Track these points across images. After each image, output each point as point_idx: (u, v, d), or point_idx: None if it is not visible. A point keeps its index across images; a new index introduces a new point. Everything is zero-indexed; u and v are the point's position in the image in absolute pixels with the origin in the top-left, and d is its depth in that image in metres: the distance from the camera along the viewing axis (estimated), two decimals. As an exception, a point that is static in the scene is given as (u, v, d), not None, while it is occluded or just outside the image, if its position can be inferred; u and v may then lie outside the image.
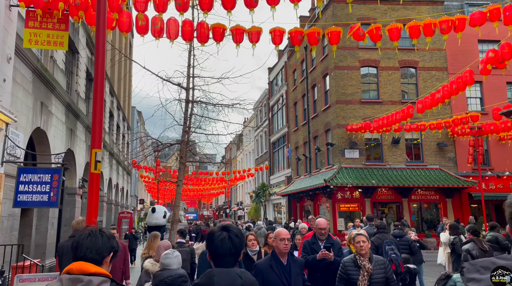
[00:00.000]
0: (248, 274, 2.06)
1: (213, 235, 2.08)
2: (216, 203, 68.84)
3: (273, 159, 32.66)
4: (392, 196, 19.63)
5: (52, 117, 11.39)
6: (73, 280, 1.70)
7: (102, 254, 1.84)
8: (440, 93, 12.66)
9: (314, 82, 23.28)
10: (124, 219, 23.04)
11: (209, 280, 1.93)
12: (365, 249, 3.93)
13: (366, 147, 20.26)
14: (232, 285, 1.93)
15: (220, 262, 2.02)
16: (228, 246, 2.02)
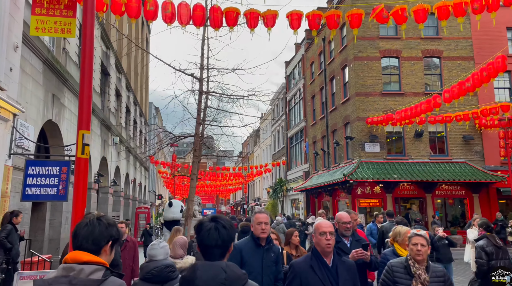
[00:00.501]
0: (234, 268, 1.92)
1: (201, 225, 1.97)
2: (233, 199, 68.79)
3: (291, 154, 32.12)
4: (415, 191, 18.85)
5: (64, 110, 11.21)
6: (66, 269, 1.71)
7: (99, 243, 1.80)
8: (469, 81, 11.88)
9: (333, 75, 22.59)
10: (141, 214, 22.99)
11: (193, 274, 1.86)
12: (423, 254, 3.21)
13: (387, 141, 19.49)
14: (215, 279, 1.82)
15: (207, 254, 1.94)
16: (215, 238, 1.91)
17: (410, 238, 3.34)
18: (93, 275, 1.72)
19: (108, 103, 17.57)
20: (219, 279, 1.82)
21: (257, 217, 3.73)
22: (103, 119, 15.90)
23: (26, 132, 8.36)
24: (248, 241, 3.74)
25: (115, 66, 19.07)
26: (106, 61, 16.76)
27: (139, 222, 22.89)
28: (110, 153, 17.39)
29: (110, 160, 17.47)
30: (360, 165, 18.60)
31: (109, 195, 17.23)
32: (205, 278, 1.83)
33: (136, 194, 25.98)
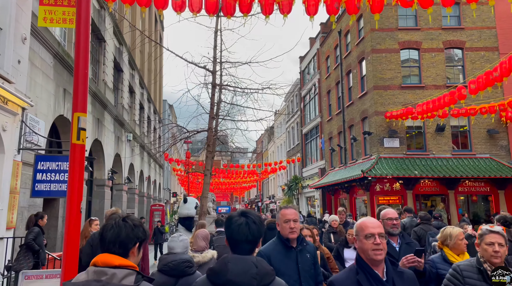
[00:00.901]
0: (264, 264, 1.93)
1: (231, 220, 1.99)
2: (248, 197, 68.59)
3: (306, 150, 31.59)
4: (436, 188, 18.15)
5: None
6: (98, 273, 1.68)
7: (126, 246, 1.76)
8: (497, 71, 11.21)
9: (349, 68, 21.97)
10: (156, 212, 22.87)
11: (224, 267, 1.86)
12: (502, 256, 2.63)
13: (407, 136, 18.81)
14: (246, 273, 1.82)
15: (236, 249, 1.94)
16: (245, 233, 1.92)
17: (482, 236, 2.78)
18: (125, 280, 1.67)
19: (122, 100, 17.42)
20: (250, 274, 1.80)
21: (283, 213, 3.09)
22: (117, 116, 15.75)
23: (36, 127, 8.16)
24: (275, 244, 3.07)
25: (128, 62, 18.91)
26: (119, 57, 16.59)
27: (153, 220, 22.77)
28: (123, 150, 17.26)
29: (124, 156, 17.34)
30: (378, 161, 18.00)
31: (123, 192, 17.11)
32: (236, 271, 1.81)
33: (150, 192, 25.91)
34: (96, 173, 14.06)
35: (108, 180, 14.42)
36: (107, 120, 14.57)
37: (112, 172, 14.76)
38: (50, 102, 9.08)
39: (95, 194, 13.97)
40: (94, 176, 14.05)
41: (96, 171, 14.07)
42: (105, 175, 14.14)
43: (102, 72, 14.20)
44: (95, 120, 12.83)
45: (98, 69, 14.09)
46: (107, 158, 14.37)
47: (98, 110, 13.23)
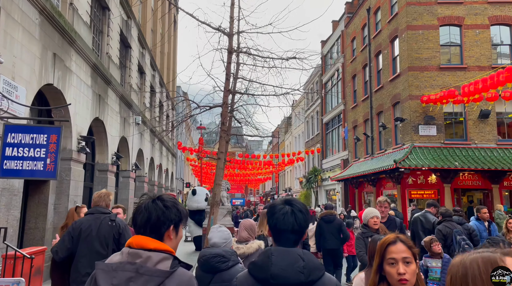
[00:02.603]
0: (312, 257, 1.70)
1: (274, 208, 1.79)
2: (263, 189, 67.07)
3: (326, 141, 29.71)
4: (478, 182, 16.14)
5: (71, 76, 9.49)
6: (132, 255, 1.57)
7: (159, 230, 1.63)
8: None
9: (379, 49, 19.96)
10: (166, 202, 21.50)
11: (267, 260, 1.67)
12: None
13: (446, 123, 16.80)
14: (292, 267, 1.63)
15: (280, 240, 1.75)
16: (291, 222, 1.73)
17: None
18: (160, 265, 1.53)
19: (130, 79, 15.92)
20: (296, 267, 1.63)
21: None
22: (123, 95, 14.25)
23: (12, 94, 6.64)
24: None
25: (138, 39, 17.38)
26: (126, 31, 15.05)
27: (164, 210, 21.44)
28: (131, 134, 15.79)
29: (131, 141, 15.88)
30: (413, 150, 16.08)
31: (130, 179, 15.67)
32: (281, 264, 1.65)
33: (162, 181, 24.54)
34: (98, 156, 12.62)
35: (112, 164, 12.96)
36: (111, 99, 13.08)
37: (116, 156, 13.30)
38: (34, 67, 7.55)
39: (97, 180, 12.54)
40: (96, 160, 12.61)
41: (98, 154, 12.62)
42: (108, 159, 12.69)
43: (106, 45, 12.68)
44: (95, 96, 11.32)
45: (101, 41, 12.56)
46: (111, 140, 12.90)
47: (99, 86, 11.72)
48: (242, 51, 8.73)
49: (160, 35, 24.57)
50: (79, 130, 10.04)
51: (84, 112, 10.40)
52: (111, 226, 3.87)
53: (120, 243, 3.84)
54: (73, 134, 9.58)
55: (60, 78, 8.76)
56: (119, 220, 4.00)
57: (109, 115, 12.74)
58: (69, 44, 9.27)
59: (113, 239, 3.84)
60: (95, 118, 11.42)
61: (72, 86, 9.54)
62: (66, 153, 9.39)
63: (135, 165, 16.23)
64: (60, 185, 9.29)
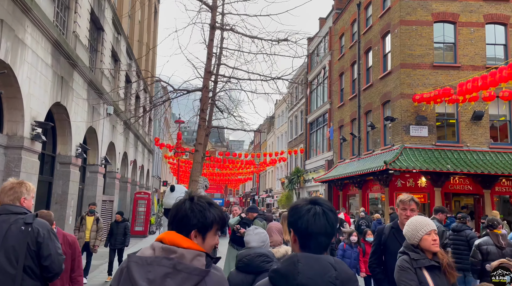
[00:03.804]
0: (344, 266, 1.50)
1: (301, 209, 1.58)
2: (243, 190, 65.91)
3: (310, 141, 28.82)
4: (469, 186, 15.47)
5: (25, 50, 8.09)
6: (166, 250, 1.52)
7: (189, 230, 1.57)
8: None
9: (369, 45, 19.14)
10: (140, 200, 20.07)
11: (292, 267, 1.47)
12: None
13: (438, 124, 16.07)
14: (323, 277, 1.43)
15: (310, 244, 1.54)
16: (323, 224, 1.54)
17: None
18: (195, 262, 1.49)
19: (101, 65, 14.49)
20: (328, 277, 1.43)
21: None
22: (92, 81, 12.83)
23: None
24: None
25: (113, 23, 15.96)
26: (98, 12, 13.64)
27: (137, 209, 19.98)
28: (101, 125, 14.37)
29: (101, 132, 14.45)
30: (403, 152, 15.26)
31: (98, 174, 14.24)
32: (309, 274, 1.43)
33: (136, 178, 23.04)
34: (60, 147, 11.19)
35: (76, 157, 11.55)
36: (77, 83, 11.66)
37: (82, 148, 11.89)
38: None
39: (58, 174, 11.12)
40: (58, 151, 11.17)
41: (60, 144, 11.19)
42: (71, 150, 11.27)
43: (73, 22, 11.26)
44: (57, 77, 9.92)
45: (67, 17, 11.14)
46: (76, 130, 11.49)
47: (62, 67, 10.31)
48: (226, 28, 7.59)
49: (139, 23, 23.11)
50: (34, 115, 8.65)
51: (41, 94, 9.01)
52: (25, 232, 2.59)
53: (40, 256, 2.60)
54: (25, 118, 8.20)
55: (9, 50, 7.37)
56: (40, 223, 2.71)
57: (74, 101, 11.33)
58: (22, 12, 7.88)
59: (27, 251, 2.57)
60: (56, 103, 10.03)
61: (26, 63, 8.15)
62: (15, 140, 8.01)
63: (105, 159, 14.79)
64: (7, 178, 7.88)
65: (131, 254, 1.56)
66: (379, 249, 3.75)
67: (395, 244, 3.42)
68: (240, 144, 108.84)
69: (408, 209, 3.52)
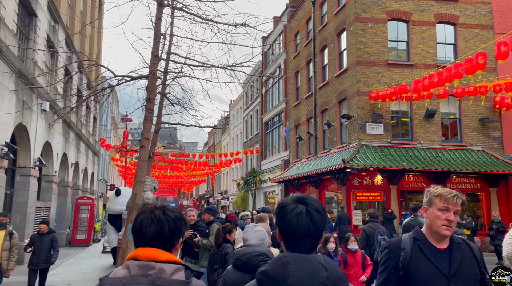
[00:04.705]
0: (335, 265, 1.46)
1: (285, 208, 1.51)
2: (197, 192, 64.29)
3: (266, 141, 28.32)
4: (422, 183, 15.60)
5: None
6: (143, 267, 1.45)
7: (172, 243, 1.53)
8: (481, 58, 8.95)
9: (325, 43, 18.92)
10: (82, 206, 18.38)
11: (282, 269, 1.40)
12: None
13: (393, 122, 16.11)
14: (313, 278, 1.38)
15: (295, 245, 1.48)
16: (306, 224, 1.46)
17: None
18: (176, 275, 1.45)
19: (34, 55, 12.85)
20: (319, 278, 1.38)
21: None
22: (21, 72, 11.24)
23: None
24: None
25: (48, 9, 14.32)
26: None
27: (79, 216, 18.24)
28: (34, 122, 12.73)
29: (34, 131, 12.80)
30: (360, 150, 15.08)
31: (31, 178, 12.55)
32: (300, 275, 1.37)
33: (79, 182, 21.14)
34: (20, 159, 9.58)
35: (1, 157, 9.98)
36: (4, 74, 10.09)
37: (8, 147, 10.31)
38: None
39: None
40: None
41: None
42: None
43: None
44: None
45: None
46: (1, 125, 9.92)
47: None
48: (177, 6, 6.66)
49: (81, 13, 21.28)
50: None
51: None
52: None
53: None
54: None
55: None
56: None
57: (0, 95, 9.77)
58: None
59: None
60: None
61: None
62: None
63: (39, 160, 13.13)
64: None
65: (103, 277, 1.48)
66: (395, 276, 2.21)
67: (427, 267, 2.14)
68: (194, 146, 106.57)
69: (452, 211, 2.14)
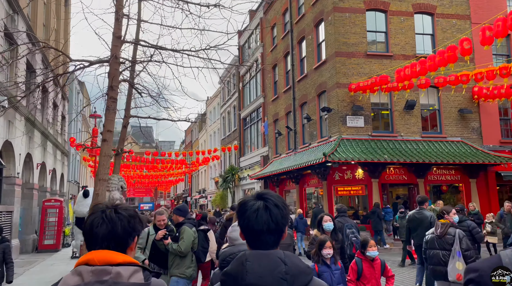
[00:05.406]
0: (296, 259, 1.42)
1: (245, 205, 1.49)
2: (174, 192, 63.02)
3: (244, 137, 27.70)
4: (404, 176, 15.38)
5: None
6: (97, 273, 1.34)
7: (126, 242, 1.45)
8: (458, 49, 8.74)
9: (303, 34, 18.45)
10: (50, 209, 17.26)
11: (241, 267, 1.39)
12: None
13: (373, 114, 15.80)
14: (272, 273, 1.35)
15: (255, 242, 1.46)
16: (265, 220, 1.44)
17: None
18: (133, 278, 1.36)
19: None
20: (277, 273, 1.35)
21: None
22: None
23: None
24: None
25: None
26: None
27: (47, 220, 17.12)
28: (-10, 119, 11.65)
29: (-10, 129, 11.72)
30: (341, 143, 14.69)
31: (-13, 181, 11.50)
32: (258, 271, 1.35)
33: (46, 184, 19.91)
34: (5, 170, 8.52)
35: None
36: None
37: None
38: None
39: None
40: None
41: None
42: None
43: None
44: None
45: None
46: None
47: None
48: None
49: (44, 5, 19.99)
50: None
51: None
52: None
53: None
54: None
55: None
56: None
57: None
58: None
59: None
60: None
61: None
62: None
63: (-3, 161, 12.04)
64: None
65: None
66: None
67: None
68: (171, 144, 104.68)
69: None
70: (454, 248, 4.96)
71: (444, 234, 5.08)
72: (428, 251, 5.20)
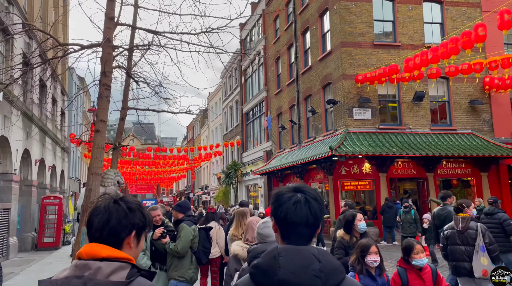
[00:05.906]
0: (329, 256, 1.39)
1: (282, 196, 1.45)
2: (177, 188, 62.71)
3: (247, 132, 27.22)
4: (413, 170, 14.89)
5: None
6: (80, 267, 1.32)
7: (118, 235, 1.39)
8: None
9: (307, 25, 17.90)
10: (49, 206, 16.88)
11: (273, 261, 1.34)
12: None
13: (380, 106, 15.28)
14: (306, 270, 1.31)
15: (291, 236, 1.42)
16: (305, 213, 1.39)
17: None
18: (114, 276, 1.29)
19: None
20: (311, 270, 1.31)
21: None
22: None
23: None
24: None
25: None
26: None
27: (46, 217, 16.75)
28: (-17, 113, 11.22)
29: (-16, 123, 11.29)
30: (347, 136, 14.19)
31: (-18, 177, 11.09)
32: (291, 267, 1.31)
33: (45, 180, 19.52)
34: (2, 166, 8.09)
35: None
36: None
37: None
38: None
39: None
40: None
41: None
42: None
43: None
44: None
45: None
46: None
47: None
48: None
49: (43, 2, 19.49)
50: None
51: None
52: None
53: None
54: None
55: None
56: None
57: None
58: None
59: None
60: None
61: None
62: None
63: (-8, 157, 11.64)
64: None
65: (42, 280, 1.38)
66: None
67: None
68: (173, 141, 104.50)
69: None
70: (477, 243, 4.77)
71: (466, 229, 4.88)
72: (450, 247, 5.00)
